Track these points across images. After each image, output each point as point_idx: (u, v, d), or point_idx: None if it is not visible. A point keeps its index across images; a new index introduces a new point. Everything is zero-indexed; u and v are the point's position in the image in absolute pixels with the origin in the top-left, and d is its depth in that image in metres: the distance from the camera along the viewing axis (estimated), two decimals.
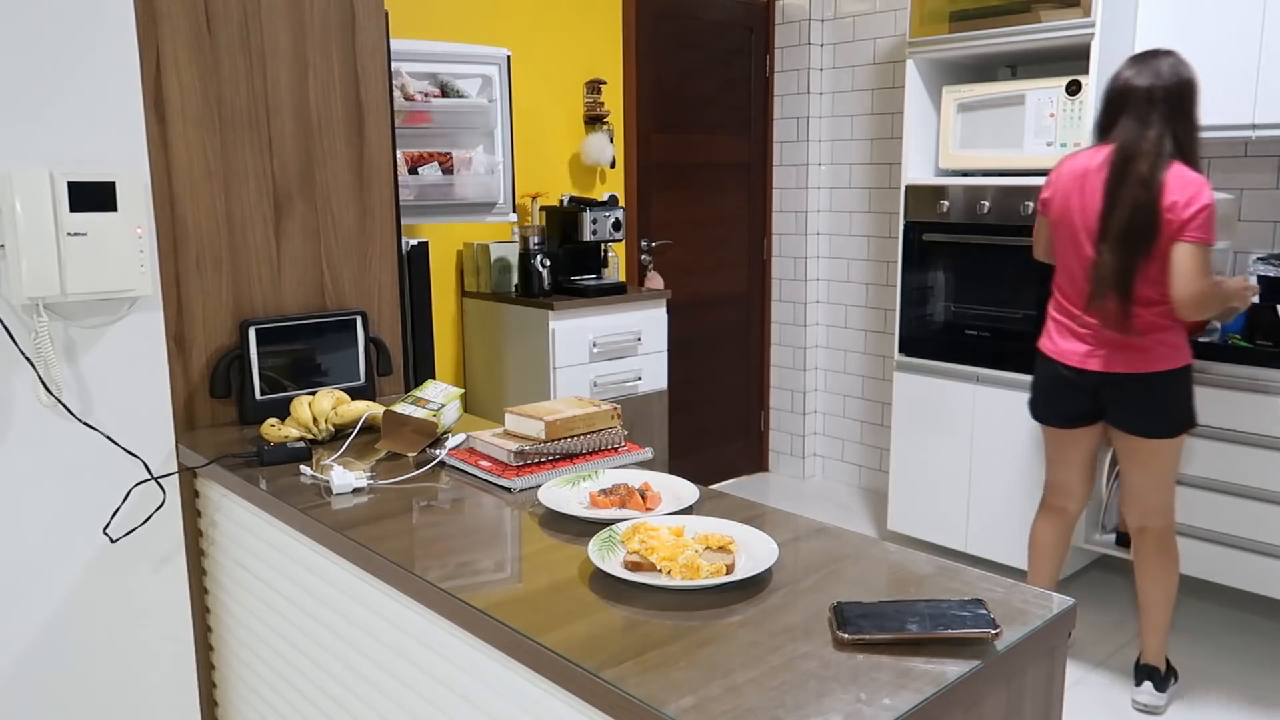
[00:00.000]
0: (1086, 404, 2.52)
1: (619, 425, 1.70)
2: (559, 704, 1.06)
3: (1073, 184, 2.46)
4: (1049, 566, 2.74)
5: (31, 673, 1.76)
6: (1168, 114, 2.34)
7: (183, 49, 1.85)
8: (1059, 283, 2.55)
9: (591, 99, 3.84)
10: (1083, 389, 2.51)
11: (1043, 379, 2.61)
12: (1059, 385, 2.55)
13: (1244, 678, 2.75)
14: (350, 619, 1.45)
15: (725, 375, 4.51)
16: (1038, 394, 2.64)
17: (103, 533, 1.80)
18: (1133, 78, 2.38)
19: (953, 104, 3.37)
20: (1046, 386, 2.60)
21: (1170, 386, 2.42)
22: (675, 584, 1.15)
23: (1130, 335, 2.39)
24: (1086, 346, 2.47)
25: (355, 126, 2.11)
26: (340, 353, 2.08)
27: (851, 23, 4.23)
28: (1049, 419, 2.63)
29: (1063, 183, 2.49)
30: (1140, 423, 2.46)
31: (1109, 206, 2.37)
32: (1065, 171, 2.50)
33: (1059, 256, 2.53)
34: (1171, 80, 2.35)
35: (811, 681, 0.96)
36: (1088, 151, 2.49)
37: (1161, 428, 2.44)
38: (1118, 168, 2.36)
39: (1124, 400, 2.46)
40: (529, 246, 3.36)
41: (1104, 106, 2.47)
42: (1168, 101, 2.34)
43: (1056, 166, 2.54)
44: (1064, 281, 2.53)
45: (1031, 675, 1.09)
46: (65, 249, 1.66)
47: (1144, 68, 2.37)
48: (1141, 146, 2.34)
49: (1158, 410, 2.44)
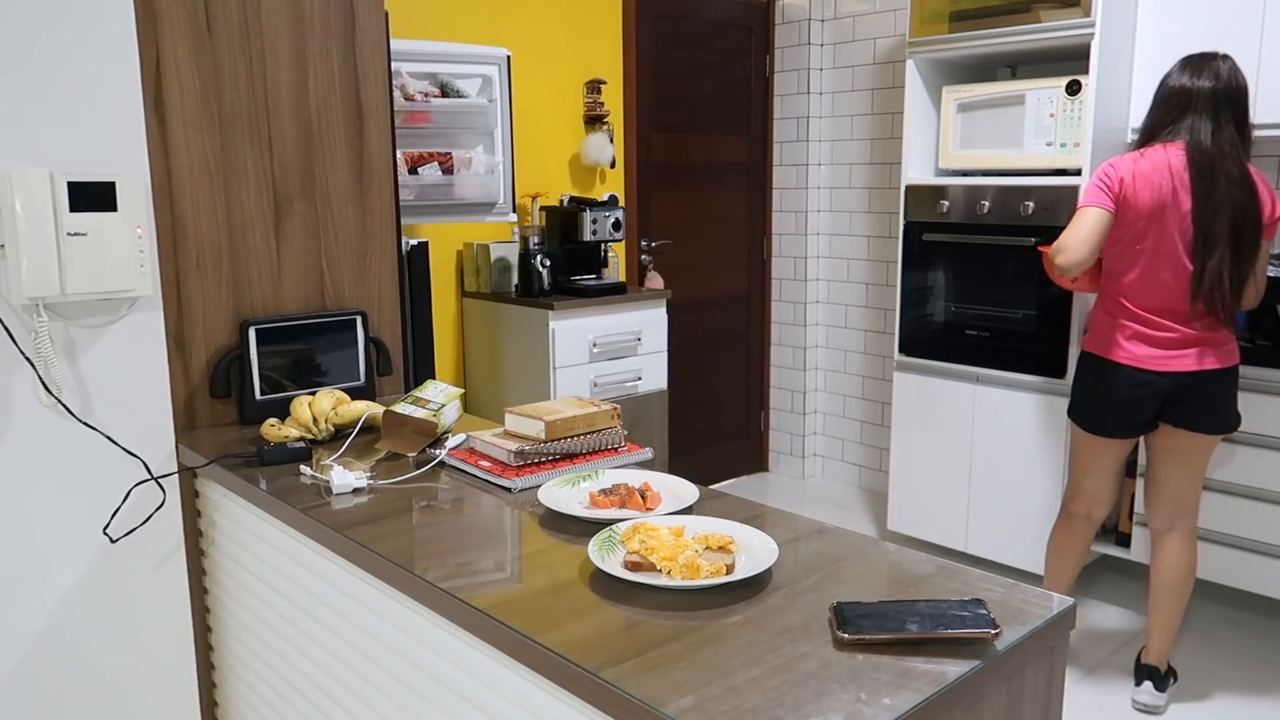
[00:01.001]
0: (1156, 409, 2.47)
1: (619, 425, 1.70)
2: (559, 704, 1.06)
3: (1163, 182, 2.36)
4: (1070, 574, 2.71)
5: (32, 673, 1.76)
6: (1233, 116, 2.36)
7: (183, 49, 1.85)
8: (1128, 287, 2.45)
9: (591, 99, 3.84)
10: (1157, 394, 2.44)
11: (1113, 389, 2.48)
12: (1134, 393, 2.45)
13: (1244, 678, 2.75)
14: (350, 619, 1.45)
15: (725, 375, 4.51)
16: (1101, 405, 2.52)
17: (103, 533, 1.80)
18: (1193, 78, 2.37)
19: (953, 104, 3.37)
20: (1119, 397, 2.48)
21: (1238, 380, 2.49)
22: (675, 584, 1.15)
23: (1228, 330, 2.44)
24: (1170, 350, 2.42)
25: (355, 126, 2.11)
26: (340, 353, 2.08)
27: (851, 23, 4.23)
28: (1116, 430, 2.53)
29: (1152, 180, 2.37)
30: (1214, 419, 2.45)
31: (1208, 207, 2.34)
32: (1143, 170, 2.38)
33: (1135, 259, 2.41)
34: (1232, 82, 2.37)
35: (811, 681, 0.96)
36: (1156, 149, 2.40)
37: (1230, 421, 2.48)
38: (1203, 168, 2.34)
39: (1204, 397, 2.43)
40: (529, 246, 3.36)
41: (1162, 106, 2.43)
42: (1231, 103, 2.36)
43: (1117, 165, 2.42)
44: (1140, 286, 2.42)
45: (1031, 675, 1.09)
46: (65, 249, 1.66)
47: (1204, 69, 2.37)
48: (1222, 147, 2.34)
49: (1231, 403, 2.47)
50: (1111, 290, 2.49)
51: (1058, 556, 2.73)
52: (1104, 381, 2.51)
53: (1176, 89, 2.40)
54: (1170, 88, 2.42)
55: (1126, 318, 2.46)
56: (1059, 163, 3.10)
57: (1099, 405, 2.54)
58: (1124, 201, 2.40)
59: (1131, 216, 2.40)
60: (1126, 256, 2.44)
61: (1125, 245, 2.44)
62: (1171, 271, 2.39)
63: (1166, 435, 2.51)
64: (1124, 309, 2.47)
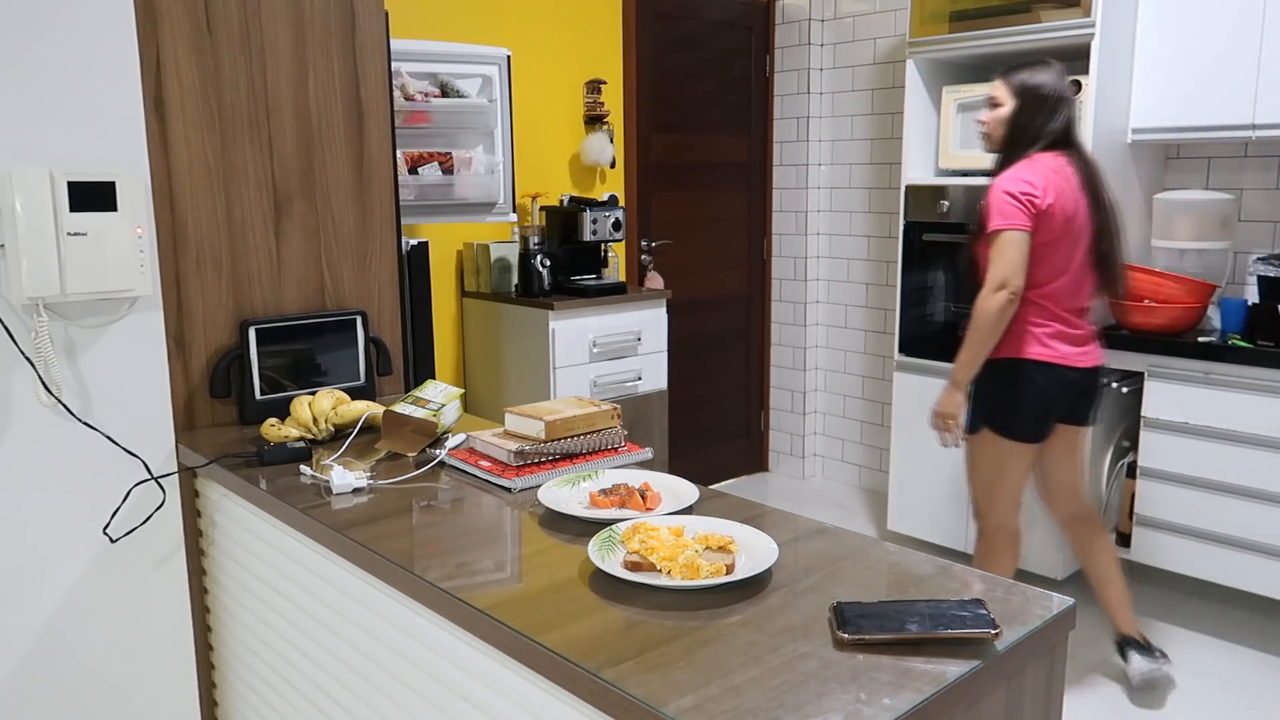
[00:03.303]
0: (1072, 406, 2.55)
1: (619, 425, 1.70)
2: (559, 704, 1.06)
3: (1067, 186, 2.41)
4: (1118, 586, 2.67)
5: (32, 672, 1.76)
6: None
7: (183, 49, 1.85)
8: (1052, 292, 2.44)
9: (591, 99, 3.84)
10: (1076, 389, 2.50)
11: (1047, 390, 2.46)
12: (1064, 391, 2.47)
13: (1244, 677, 2.75)
14: (350, 619, 1.45)
15: (725, 375, 4.51)
16: (1036, 409, 2.47)
17: (103, 533, 1.80)
18: (1058, 81, 2.46)
19: (953, 104, 3.37)
20: (1051, 396, 2.46)
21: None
22: (675, 584, 1.15)
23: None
24: (1083, 347, 2.49)
25: (355, 126, 2.11)
26: (340, 353, 2.08)
27: (851, 23, 4.23)
28: (1046, 433, 2.52)
29: (1062, 187, 2.40)
30: (1096, 411, 2.63)
31: (1104, 206, 2.48)
32: (1053, 180, 2.39)
33: (1059, 264, 2.43)
34: (1071, 88, 2.52)
35: (811, 681, 0.96)
36: (1047, 156, 2.43)
37: (1098, 412, 2.66)
38: (1092, 170, 2.48)
39: (1096, 390, 2.58)
40: (529, 246, 3.36)
41: (1050, 112, 2.45)
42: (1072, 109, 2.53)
43: (1031, 181, 2.37)
44: (1060, 289, 2.44)
45: (1031, 675, 1.09)
46: (65, 249, 1.66)
47: (1059, 74, 2.47)
48: (1090, 150, 2.52)
49: (1100, 395, 2.65)
50: (1031, 295, 2.44)
51: (1097, 577, 2.68)
52: (1036, 384, 2.46)
53: (1058, 95, 2.45)
54: (1047, 92, 2.44)
55: (1047, 318, 2.46)
56: None
57: (1033, 410, 2.48)
58: (1042, 215, 2.38)
59: (1050, 224, 2.39)
60: (1047, 262, 2.43)
61: (1046, 252, 2.42)
62: (1082, 270, 2.48)
63: (1062, 434, 2.59)
64: (1045, 310, 2.45)
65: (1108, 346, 3.09)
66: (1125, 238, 2.57)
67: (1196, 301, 3.01)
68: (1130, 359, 3.07)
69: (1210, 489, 2.93)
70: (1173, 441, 2.99)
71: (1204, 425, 2.92)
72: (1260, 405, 2.81)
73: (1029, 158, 2.43)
